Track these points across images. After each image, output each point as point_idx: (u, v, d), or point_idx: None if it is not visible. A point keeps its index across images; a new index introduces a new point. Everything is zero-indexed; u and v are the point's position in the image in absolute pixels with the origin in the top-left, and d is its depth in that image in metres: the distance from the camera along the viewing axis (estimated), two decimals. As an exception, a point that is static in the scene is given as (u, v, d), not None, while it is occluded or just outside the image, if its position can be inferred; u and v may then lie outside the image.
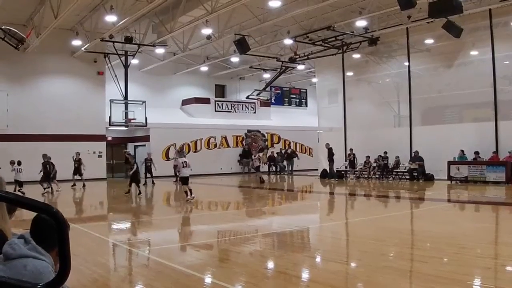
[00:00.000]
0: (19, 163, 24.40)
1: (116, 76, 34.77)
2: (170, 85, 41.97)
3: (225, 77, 44.96)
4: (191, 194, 20.24)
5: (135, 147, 39.10)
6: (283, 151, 42.35)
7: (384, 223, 14.05)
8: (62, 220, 2.09)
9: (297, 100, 50.47)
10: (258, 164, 29.81)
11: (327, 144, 34.69)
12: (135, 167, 24.14)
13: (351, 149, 32.68)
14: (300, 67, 40.55)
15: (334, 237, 12.58)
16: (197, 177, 32.52)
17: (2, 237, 3.15)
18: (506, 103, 26.61)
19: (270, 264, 9.35)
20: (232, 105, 43.33)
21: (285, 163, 41.19)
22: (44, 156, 25.94)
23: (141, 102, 35.86)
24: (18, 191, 23.70)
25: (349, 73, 35.53)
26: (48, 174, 25.85)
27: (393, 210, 17.87)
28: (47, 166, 25.93)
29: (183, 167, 20.41)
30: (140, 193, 24.02)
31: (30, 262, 2.66)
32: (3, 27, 22.91)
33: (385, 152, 30.97)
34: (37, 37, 28.15)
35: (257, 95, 44.22)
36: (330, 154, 33.72)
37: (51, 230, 2.60)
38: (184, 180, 20.50)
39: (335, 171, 33.39)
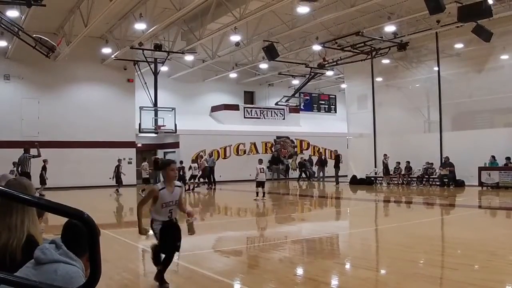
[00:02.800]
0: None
1: (145, 83, 35.08)
2: (199, 92, 42.12)
3: (254, 84, 45.06)
4: (263, 195, 23.11)
5: (165, 153, 39.31)
6: (313, 158, 42.09)
7: (414, 230, 13.92)
8: (93, 226, 2.12)
9: (326, 106, 50.36)
10: (196, 174, 29.07)
11: (336, 151, 36.06)
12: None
13: (385, 154, 32.28)
14: (329, 73, 40.41)
15: (363, 243, 12.51)
16: (226, 183, 32.63)
17: (33, 242, 3.20)
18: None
19: (300, 271, 9.34)
20: (261, 112, 43.35)
21: (314, 169, 40.99)
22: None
23: (170, 109, 36.09)
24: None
25: (378, 79, 35.36)
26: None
27: (423, 217, 17.69)
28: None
29: (260, 172, 23.14)
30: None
31: (61, 267, 2.69)
32: (34, 35, 23.22)
33: (398, 162, 31.38)
34: (68, 45, 28.52)
35: (286, 101, 44.13)
36: (337, 161, 33.81)
37: (82, 236, 2.64)
38: (259, 184, 23.03)
39: (339, 176, 33.84)
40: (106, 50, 31.70)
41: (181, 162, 31.37)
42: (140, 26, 26.11)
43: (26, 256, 2.95)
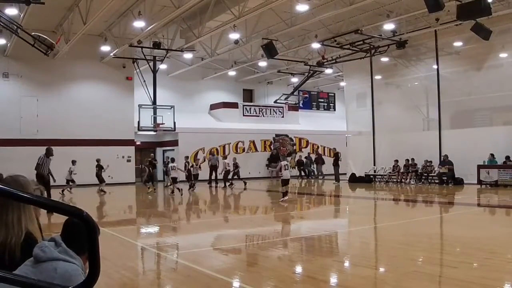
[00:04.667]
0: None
1: (144, 81, 34.99)
2: (198, 90, 42.07)
3: (253, 82, 45.03)
4: (286, 195, 21.55)
5: (164, 151, 39.26)
6: (312, 156, 42.11)
7: (413, 228, 13.93)
8: (92, 224, 2.12)
9: (325, 104, 50.29)
10: (176, 176, 27.03)
11: (334, 149, 37.05)
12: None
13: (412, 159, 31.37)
14: (328, 71, 40.30)
15: (362, 241, 12.51)
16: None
17: (32, 239, 3.19)
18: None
19: (299, 269, 9.33)
20: (260, 110, 43.33)
21: (313, 167, 41.00)
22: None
23: (169, 107, 36.04)
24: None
25: (377, 77, 35.34)
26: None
27: (422, 215, 17.70)
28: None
29: (285, 169, 21.66)
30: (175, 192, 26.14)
31: (61, 265, 2.69)
32: (33, 33, 23.18)
33: (396, 160, 31.50)
34: (66, 43, 28.47)
35: (285, 99, 44.03)
36: (336, 158, 33.84)
37: (81, 234, 2.63)
38: (285, 182, 21.67)
39: (339, 174, 33.87)
40: (105, 48, 31.63)
41: (187, 157, 30.99)
42: (139, 24, 26.07)
43: (25, 254, 2.95)
